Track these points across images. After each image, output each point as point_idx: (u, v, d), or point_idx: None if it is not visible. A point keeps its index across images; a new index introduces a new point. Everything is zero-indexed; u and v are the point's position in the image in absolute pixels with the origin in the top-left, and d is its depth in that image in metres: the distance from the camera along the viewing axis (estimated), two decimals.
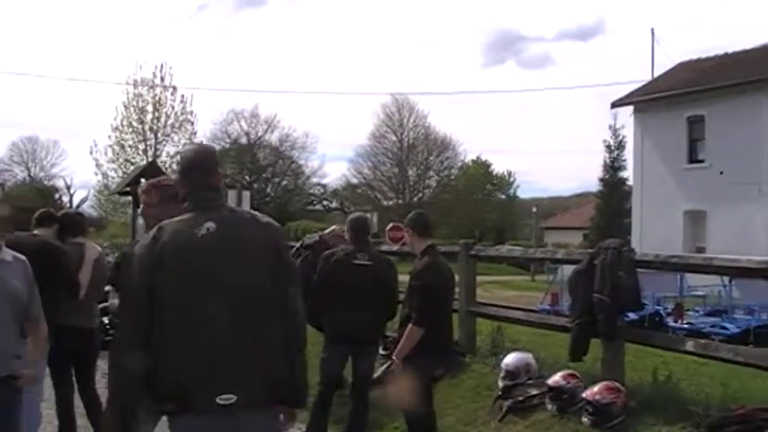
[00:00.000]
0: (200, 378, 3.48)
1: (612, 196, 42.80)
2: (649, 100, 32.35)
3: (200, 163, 3.89)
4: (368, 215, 9.62)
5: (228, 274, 3.56)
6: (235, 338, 3.51)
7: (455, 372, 8.38)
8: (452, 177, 67.77)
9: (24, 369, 4.45)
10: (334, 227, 8.83)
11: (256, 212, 3.99)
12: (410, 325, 6.15)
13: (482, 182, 69.84)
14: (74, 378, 6.97)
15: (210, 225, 3.61)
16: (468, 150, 71.45)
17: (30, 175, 68.06)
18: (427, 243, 6.59)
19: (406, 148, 65.24)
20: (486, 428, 7.32)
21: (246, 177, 62.90)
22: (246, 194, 22.23)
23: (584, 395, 6.75)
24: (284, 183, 66.48)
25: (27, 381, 4.51)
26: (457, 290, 8.35)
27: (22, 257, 4.55)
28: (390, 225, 18.13)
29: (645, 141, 32.77)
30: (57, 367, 6.79)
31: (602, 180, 44.37)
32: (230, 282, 3.56)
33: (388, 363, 6.43)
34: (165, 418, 3.72)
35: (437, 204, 58.45)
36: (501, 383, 7.76)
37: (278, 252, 3.73)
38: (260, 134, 65.68)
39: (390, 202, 64.35)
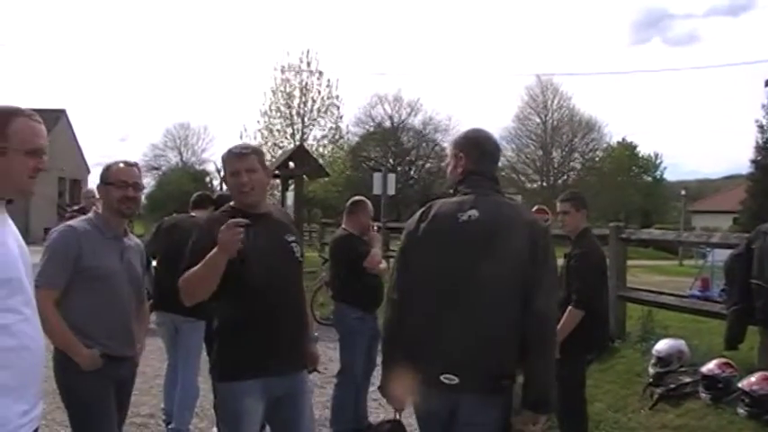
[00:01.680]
0: (431, 353, 3.66)
1: (765, 178, 40.80)
2: None
3: (488, 150, 3.98)
4: (516, 198, 9.56)
5: (473, 264, 3.61)
6: (467, 326, 3.60)
7: (604, 357, 8.26)
8: (597, 159, 66.61)
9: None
10: None
11: (524, 210, 4.02)
12: (570, 307, 5.98)
13: (628, 164, 68.28)
14: None
15: (473, 213, 3.69)
16: (614, 132, 70.06)
17: (182, 160, 70.58)
18: (585, 224, 6.41)
19: (551, 130, 64.51)
20: (637, 416, 7.18)
21: (390, 160, 63.44)
22: (391, 177, 22.43)
23: (740, 385, 6.56)
24: (428, 165, 66.67)
25: (138, 357, 4.68)
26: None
27: (139, 241, 4.72)
28: (535, 207, 17.89)
29: None
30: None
31: (753, 162, 42.40)
32: (473, 271, 3.60)
33: None
34: None
35: (582, 187, 57.41)
36: (652, 370, 7.61)
37: (534, 253, 3.63)
38: (403, 117, 66.23)
39: (534, 185, 63.79)
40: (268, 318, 4.05)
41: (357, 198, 7.47)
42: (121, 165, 4.48)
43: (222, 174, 4.36)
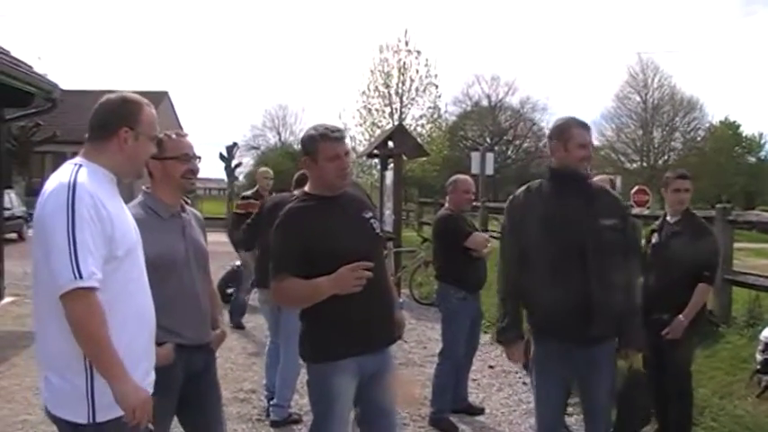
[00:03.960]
0: None
1: None
2: None
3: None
4: (611, 178, 9.43)
5: None
6: None
7: (708, 342, 8.08)
8: (699, 139, 65.08)
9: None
10: None
11: None
12: (702, 284, 5.78)
13: (730, 144, 66.36)
14: None
15: None
16: (716, 112, 68.23)
17: (280, 140, 71.40)
18: None
19: (651, 109, 63.27)
20: (743, 403, 7.00)
21: (488, 139, 63.11)
22: (490, 156, 22.30)
23: None
24: (525, 145, 66.27)
25: (219, 342, 4.41)
26: None
27: (197, 211, 4.51)
28: (636, 188, 17.63)
29: None
30: None
31: None
32: None
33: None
34: None
35: (683, 168, 55.91)
36: (759, 357, 7.38)
37: None
38: (501, 97, 65.86)
39: (634, 165, 62.68)
40: (355, 296, 3.95)
41: (454, 177, 7.43)
42: (174, 136, 4.23)
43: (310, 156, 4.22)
